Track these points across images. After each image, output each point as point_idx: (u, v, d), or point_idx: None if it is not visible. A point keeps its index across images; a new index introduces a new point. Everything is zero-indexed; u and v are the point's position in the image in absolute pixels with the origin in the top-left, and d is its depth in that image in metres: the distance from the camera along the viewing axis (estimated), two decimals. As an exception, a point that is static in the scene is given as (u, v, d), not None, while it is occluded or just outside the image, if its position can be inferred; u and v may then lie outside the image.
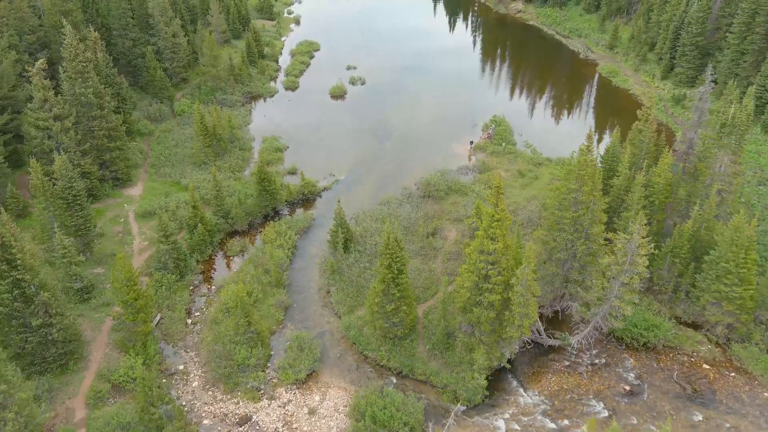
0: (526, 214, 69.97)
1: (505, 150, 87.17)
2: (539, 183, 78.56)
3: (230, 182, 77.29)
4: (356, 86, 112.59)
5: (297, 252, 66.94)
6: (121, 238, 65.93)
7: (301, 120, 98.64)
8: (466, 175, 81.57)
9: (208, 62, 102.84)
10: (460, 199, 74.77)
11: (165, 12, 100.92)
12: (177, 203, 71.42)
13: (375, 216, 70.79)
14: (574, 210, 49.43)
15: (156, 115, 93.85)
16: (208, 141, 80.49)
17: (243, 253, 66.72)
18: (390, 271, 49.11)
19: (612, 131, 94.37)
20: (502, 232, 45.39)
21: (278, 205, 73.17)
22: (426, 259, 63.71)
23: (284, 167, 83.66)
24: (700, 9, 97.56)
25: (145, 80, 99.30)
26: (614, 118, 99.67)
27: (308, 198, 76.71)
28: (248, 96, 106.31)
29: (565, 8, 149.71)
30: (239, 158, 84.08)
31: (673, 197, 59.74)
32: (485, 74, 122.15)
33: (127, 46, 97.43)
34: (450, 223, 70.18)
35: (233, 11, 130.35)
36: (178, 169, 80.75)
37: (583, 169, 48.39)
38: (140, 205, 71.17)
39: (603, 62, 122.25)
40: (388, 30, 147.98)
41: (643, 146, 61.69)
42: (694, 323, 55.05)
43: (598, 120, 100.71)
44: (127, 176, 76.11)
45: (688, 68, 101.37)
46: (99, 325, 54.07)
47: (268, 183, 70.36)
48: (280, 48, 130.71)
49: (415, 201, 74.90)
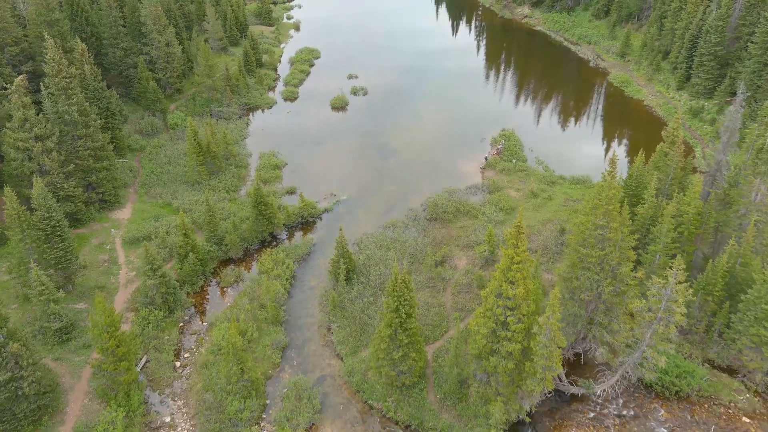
0: (541, 239, 65.31)
1: (516, 167, 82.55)
2: (553, 204, 73.90)
3: (225, 204, 72.75)
4: (358, 96, 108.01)
5: (295, 282, 62.29)
6: (106, 268, 61.29)
7: (300, 133, 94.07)
8: (475, 195, 76.92)
9: (203, 73, 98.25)
10: (469, 223, 70.15)
11: (158, 20, 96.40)
12: (167, 228, 66.87)
13: (379, 242, 66.17)
14: (600, 248, 44.79)
15: (148, 129, 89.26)
16: (202, 159, 75.89)
17: (238, 283, 62.11)
18: (397, 315, 44.50)
19: (626, 146, 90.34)
20: (523, 275, 40.80)
21: (276, 229, 68.51)
22: (434, 291, 59.04)
23: (282, 186, 79.06)
24: (719, 17, 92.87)
25: (137, 92, 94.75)
26: (629, 133, 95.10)
27: (307, 221, 72.06)
28: (245, 108, 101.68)
29: (573, 14, 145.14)
30: (235, 176, 79.45)
31: (703, 227, 55.08)
32: (491, 82, 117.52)
33: (118, 56, 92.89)
34: (459, 249, 65.53)
35: (230, 18, 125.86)
36: (170, 188, 76.14)
37: (610, 204, 43.70)
38: (128, 231, 66.57)
39: (614, 71, 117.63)
40: (390, 35, 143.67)
41: (669, 171, 57.03)
42: (729, 368, 50.38)
43: (611, 134, 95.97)
44: (115, 198, 71.49)
45: (705, 79, 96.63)
46: (79, 370, 49.44)
47: (264, 207, 65.73)
48: (279, 56, 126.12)
49: (422, 224, 70.29)
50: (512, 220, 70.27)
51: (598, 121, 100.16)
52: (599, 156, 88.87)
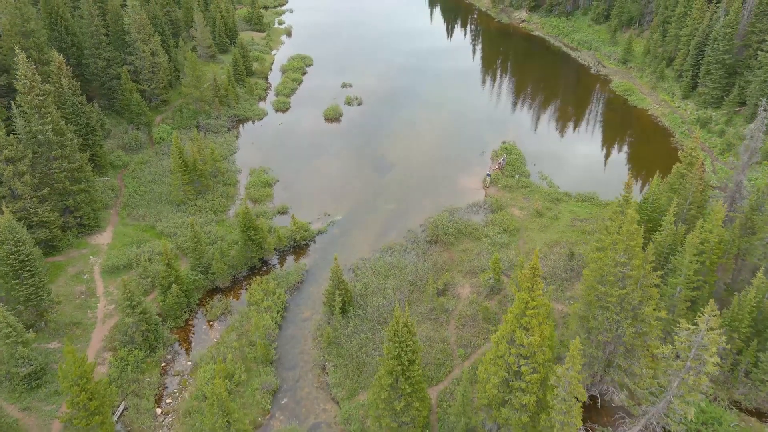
0: (549, 264, 61.36)
1: (519, 183, 78.65)
2: (560, 224, 70.02)
3: (212, 226, 68.46)
4: (352, 107, 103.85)
5: (287, 314, 58.08)
6: (83, 301, 56.88)
7: (292, 147, 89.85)
8: (477, 213, 72.95)
9: (190, 83, 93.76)
10: (472, 246, 66.14)
11: (143, 28, 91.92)
12: (150, 254, 62.56)
13: (377, 268, 62.06)
14: (621, 286, 40.88)
15: (132, 144, 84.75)
16: (188, 178, 71.58)
17: (225, 315, 57.84)
18: (399, 362, 40.38)
19: (632, 158, 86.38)
20: (539, 320, 36.85)
21: (266, 254, 64.27)
22: (437, 324, 54.97)
23: (273, 205, 74.84)
24: (728, 24, 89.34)
25: (120, 104, 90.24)
26: (635, 144, 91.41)
27: (300, 244, 67.82)
28: (234, 120, 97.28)
29: (572, 18, 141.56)
30: (223, 195, 75.15)
31: (725, 256, 51.29)
32: (489, 90, 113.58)
33: (101, 67, 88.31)
34: (462, 276, 61.49)
35: (219, 24, 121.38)
36: (154, 209, 71.78)
37: (632, 240, 39.77)
38: (108, 258, 62.15)
39: (616, 78, 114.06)
40: (383, 40, 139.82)
41: (687, 194, 53.19)
42: (758, 411, 46.59)
43: (616, 146, 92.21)
44: (94, 221, 67.02)
45: (713, 88, 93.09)
46: (49, 421, 45.08)
47: (254, 232, 61.49)
48: (270, 63, 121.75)
49: (422, 247, 66.23)
50: (517, 242, 66.51)
51: (602, 132, 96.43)
52: (605, 170, 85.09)
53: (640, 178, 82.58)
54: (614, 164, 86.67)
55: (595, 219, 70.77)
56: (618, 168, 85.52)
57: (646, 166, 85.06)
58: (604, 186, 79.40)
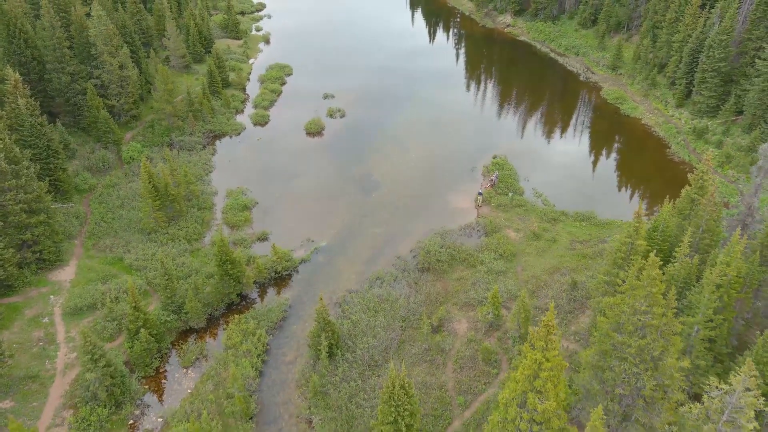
0: (551, 295, 57.12)
1: (513, 201, 74.53)
2: (558, 247, 66.00)
3: (185, 257, 63.17)
4: (335, 119, 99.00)
5: (269, 358, 53.10)
6: (41, 350, 51.34)
7: (272, 165, 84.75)
8: (470, 236, 68.71)
9: (162, 98, 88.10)
10: (467, 273, 61.80)
11: (109, 40, 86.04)
12: (117, 292, 57.17)
13: (366, 302, 57.36)
14: (640, 335, 36.73)
15: (99, 165, 79.03)
16: (159, 204, 66.17)
17: (201, 360, 52.71)
18: (395, 428, 35.83)
19: (625, 168, 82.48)
20: (554, 383, 32.51)
21: (245, 289, 59.23)
22: (433, 367, 50.45)
23: (252, 231, 69.80)
24: (723, 31, 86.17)
25: (86, 121, 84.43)
26: (630, 156, 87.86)
27: (282, 275, 62.84)
28: (210, 135, 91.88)
29: (558, 23, 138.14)
30: (197, 221, 69.89)
31: (744, 290, 47.49)
32: (475, 99, 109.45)
33: (64, 82, 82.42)
34: (458, 309, 57.07)
35: (194, 32, 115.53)
36: (123, 239, 66.30)
37: (653, 286, 35.60)
38: (70, 297, 56.59)
39: (606, 85, 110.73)
40: (364, 45, 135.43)
41: (700, 222, 49.33)
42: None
43: (610, 158, 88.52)
44: (55, 255, 61.33)
45: (708, 97, 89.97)
46: (-3, 499, 39.72)
47: (231, 266, 56.45)
48: (247, 73, 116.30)
49: (413, 276, 61.72)
50: (514, 269, 62.34)
51: (595, 144, 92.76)
52: (600, 184, 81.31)
53: (635, 191, 79.00)
54: (609, 178, 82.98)
55: (595, 241, 66.94)
56: (613, 182, 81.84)
57: (643, 180, 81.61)
58: (601, 202, 75.78)
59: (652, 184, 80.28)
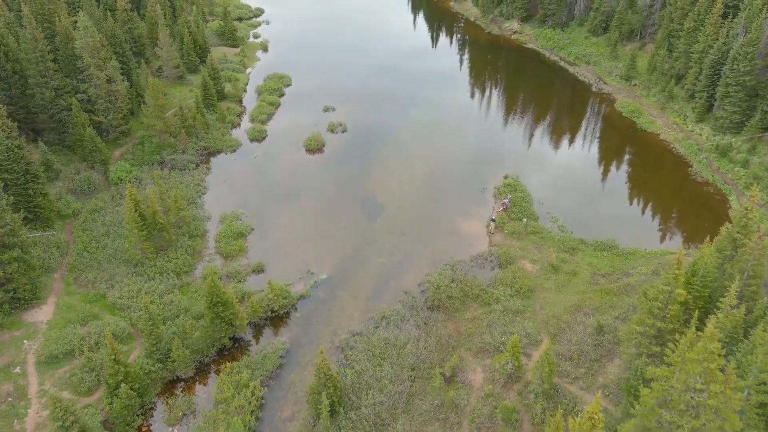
0: (575, 340, 51.78)
1: (527, 228, 69.42)
2: (579, 281, 60.84)
3: (174, 294, 57.98)
4: (336, 134, 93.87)
5: (264, 414, 47.87)
6: (10, 407, 46.16)
7: (269, 186, 79.65)
8: (483, 267, 63.59)
9: (153, 114, 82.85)
10: (481, 313, 56.66)
11: (97, 52, 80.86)
12: (98, 336, 52.04)
13: (371, 347, 52.17)
14: (693, 414, 31.60)
15: (84, 188, 73.88)
16: (146, 234, 61.02)
17: (188, 417, 47.54)
18: None
19: (646, 187, 76.97)
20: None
21: (238, 331, 54.06)
22: (446, 427, 45.27)
23: (248, 262, 64.68)
24: (748, 43, 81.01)
25: (71, 139, 79.36)
26: (650, 176, 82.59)
27: (278, 314, 57.66)
28: (204, 152, 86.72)
29: (567, 30, 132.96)
30: (188, 252, 64.74)
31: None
32: (483, 111, 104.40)
33: (48, 98, 77.30)
34: (473, 356, 51.89)
35: (188, 41, 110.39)
36: (107, 272, 61.17)
37: (711, 361, 30.46)
38: (45, 343, 51.42)
39: (620, 97, 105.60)
40: (366, 49, 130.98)
41: (745, 267, 44.16)
42: None
43: (629, 176, 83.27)
44: (31, 293, 56.08)
45: (732, 112, 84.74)
46: None
47: (223, 308, 51.27)
48: (244, 84, 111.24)
49: (421, 315, 56.58)
50: (533, 307, 57.19)
51: (611, 161, 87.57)
52: (620, 206, 76.10)
53: (656, 214, 73.86)
54: (628, 200, 77.73)
55: (618, 274, 61.80)
56: (633, 205, 76.64)
57: (664, 203, 76.55)
58: (620, 226, 70.72)
59: (675, 208, 75.27)
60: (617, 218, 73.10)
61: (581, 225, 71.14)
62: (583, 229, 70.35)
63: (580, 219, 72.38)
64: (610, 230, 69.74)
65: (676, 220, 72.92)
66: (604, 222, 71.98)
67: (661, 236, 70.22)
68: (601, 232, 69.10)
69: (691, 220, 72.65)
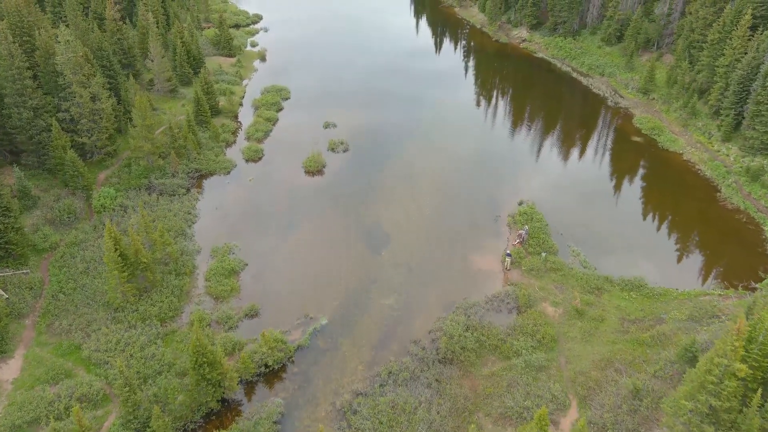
0: (609, 405, 45.74)
1: (546, 264, 63.41)
2: (607, 328, 54.82)
3: (156, 346, 51.97)
4: (337, 153, 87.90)
5: (255, 495, 41.98)
6: (-37, 491, 40.30)
7: (265, 214, 73.66)
8: (500, 311, 57.63)
9: (140, 135, 76.83)
10: (499, 368, 50.65)
11: (79, 69, 75.02)
12: (69, 400, 46.07)
13: (377, 414, 46.11)
14: None
15: (63, 218, 67.92)
16: (127, 276, 55.08)
17: (169, 497, 41.66)
18: None
19: (667, 213, 70.71)
20: None
21: (227, 392, 48.08)
22: None
23: (240, 303, 58.72)
24: (782, 58, 75.10)
25: (52, 162, 73.52)
26: (675, 201, 76.54)
27: (273, 369, 51.64)
28: (196, 175, 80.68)
29: (578, 38, 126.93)
30: (174, 293, 58.76)
31: None
32: (490, 126, 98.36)
33: (26, 118, 71.50)
34: (492, 423, 45.87)
35: (180, 51, 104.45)
36: (84, 317, 55.20)
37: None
38: (8, 410, 45.46)
39: (638, 112, 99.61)
40: (367, 58, 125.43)
41: (812, 333, 38.13)
42: None
43: (653, 204, 77.06)
44: (-3, 346, 50.32)
45: (763, 132, 78.71)
46: None
47: (209, 368, 45.29)
48: (240, 98, 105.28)
49: (433, 371, 50.55)
50: (557, 361, 51.24)
51: (633, 185, 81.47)
52: (645, 236, 69.99)
53: (685, 245, 67.80)
54: (654, 230, 71.63)
55: (650, 319, 55.79)
56: (660, 235, 70.55)
57: (693, 232, 70.54)
58: (647, 260, 64.86)
59: (706, 239, 69.21)
60: (642, 249, 67.04)
61: (604, 258, 65.16)
62: (607, 263, 64.38)
63: (602, 250, 66.43)
64: (635, 264, 63.89)
65: (708, 254, 66.85)
66: (628, 255, 65.99)
67: (693, 273, 64.13)
68: (625, 266, 63.20)
69: (725, 253, 66.60)
